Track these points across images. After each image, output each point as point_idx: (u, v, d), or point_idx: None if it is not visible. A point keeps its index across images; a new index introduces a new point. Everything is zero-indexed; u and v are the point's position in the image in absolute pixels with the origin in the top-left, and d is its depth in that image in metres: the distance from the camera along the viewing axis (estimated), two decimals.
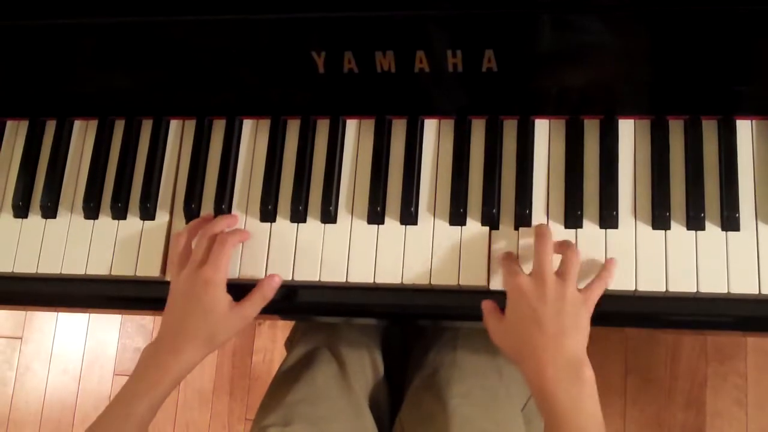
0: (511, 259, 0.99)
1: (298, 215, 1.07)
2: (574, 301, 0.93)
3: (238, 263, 1.06)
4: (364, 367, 1.23)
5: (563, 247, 0.97)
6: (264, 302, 1.03)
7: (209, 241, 1.03)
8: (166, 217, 1.11)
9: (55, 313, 2.35)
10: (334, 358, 1.21)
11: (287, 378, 1.20)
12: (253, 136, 1.12)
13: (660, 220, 1.00)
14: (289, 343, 1.33)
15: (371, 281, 1.03)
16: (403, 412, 1.19)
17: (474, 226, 1.03)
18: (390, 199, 1.06)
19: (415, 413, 1.16)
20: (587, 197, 1.02)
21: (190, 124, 1.14)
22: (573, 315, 0.92)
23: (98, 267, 1.10)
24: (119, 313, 2.13)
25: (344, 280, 1.04)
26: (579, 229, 1.01)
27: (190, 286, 1.01)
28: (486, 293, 1.00)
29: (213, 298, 1.00)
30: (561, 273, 0.95)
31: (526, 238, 1.02)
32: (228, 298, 1.01)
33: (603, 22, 0.95)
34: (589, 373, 0.91)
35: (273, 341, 2.20)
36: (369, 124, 1.10)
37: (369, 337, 1.27)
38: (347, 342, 1.24)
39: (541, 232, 0.98)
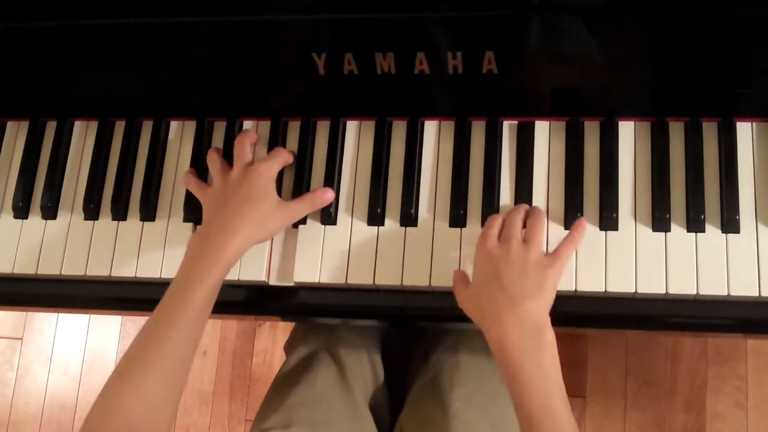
0: (492, 222, 0.99)
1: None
2: (538, 264, 0.94)
3: (238, 265, 1.06)
4: (364, 369, 1.23)
5: (531, 214, 0.99)
6: (311, 209, 1.06)
7: (249, 145, 1.07)
8: (166, 218, 1.11)
9: (56, 314, 2.35)
10: (333, 361, 1.21)
11: (287, 381, 1.20)
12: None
13: (660, 222, 1.00)
14: (289, 347, 1.33)
15: (371, 283, 1.03)
16: (403, 416, 1.19)
17: (474, 228, 1.03)
18: (390, 200, 1.06)
19: (416, 416, 1.16)
20: (587, 199, 1.02)
21: (191, 125, 1.14)
22: (536, 278, 0.93)
23: (98, 268, 1.10)
24: (119, 314, 2.12)
25: (344, 282, 1.04)
26: None
27: (240, 179, 1.03)
28: None
29: (266, 189, 1.03)
30: (526, 238, 0.96)
31: None
32: (276, 193, 1.04)
33: (603, 25, 0.95)
34: (550, 336, 0.91)
35: (273, 343, 2.20)
36: (369, 126, 1.10)
37: (368, 340, 1.27)
38: (347, 345, 1.24)
39: (516, 207, 1.00)
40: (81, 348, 2.32)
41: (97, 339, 2.32)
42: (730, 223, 0.98)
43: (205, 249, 0.98)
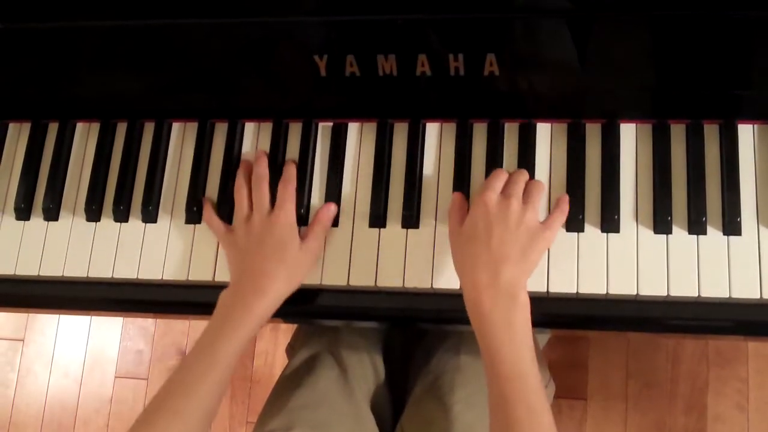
0: (498, 176, 1.00)
1: (299, 219, 1.07)
2: (530, 229, 0.95)
3: None
4: (366, 371, 1.23)
5: (532, 182, 1.00)
6: (324, 232, 1.05)
7: (266, 186, 1.06)
8: (168, 220, 1.11)
9: (57, 315, 2.35)
10: (335, 363, 1.21)
11: (289, 383, 1.20)
12: (255, 139, 1.12)
13: (662, 224, 1.00)
14: (291, 349, 1.33)
15: (373, 285, 1.03)
16: (404, 417, 1.19)
17: None
18: (392, 202, 1.06)
19: (417, 418, 1.16)
20: (588, 201, 1.02)
21: (192, 127, 1.14)
22: (525, 243, 0.94)
23: (100, 269, 1.10)
24: (121, 316, 2.12)
25: (346, 284, 1.04)
26: (580, 233, 1.01)
27: (263, 230, 1.03)
28: None
29: (287, 238, 1.02)
30: (525, 200, 0.97)
31: None
32: (298, 237, 1.03)
33: (605, 27, 0.95)
34: (523, 298, 0.92)
35: (274, 345, 2.21)
36: (371, 128, 1.10)
37: (370, 342, 1.27)
38: (348, 347, 1.24)
39: (520, 170, 1.01)
40: (82, 350, 2.33)
41: (98, 341, 2.32)
42: (731, 226, 0.98)
43: (237, 306, 0.99)
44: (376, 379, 1.24)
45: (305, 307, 1.07)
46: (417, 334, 1.33)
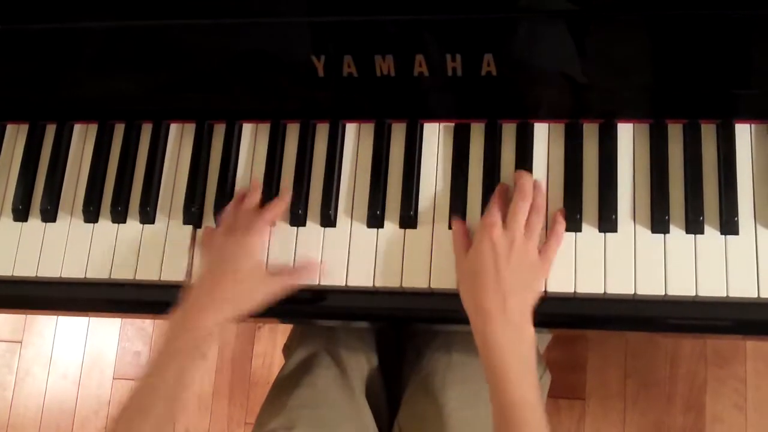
0: (497, 207, 1.00)
1: (298, 219, 1.07)
2: (533, 265, 0.98)
3: None
4: (363, 370, 1.23)
5: (533, 209, 1.00)
6: (298, 279, 1.04)
7: (244, 210, 1.06)
8: (166, 221, 1.11)
9: (55, 317, 2.35)
10: (333, 362, 1.22)
11: (287, 383, 1.20)
12: (253, 140, 1.12)
13: (659, 223, 1.00)
14: (287, 350, 1.33)
15: (371, 285, 1.03)
16: (400, 415, 1.19)
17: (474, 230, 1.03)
18: (389, 202, 1.06)
19: (412, 416, 1.17)
20: (586, 201, 1.02)
21: (190, 128, 1.14)
22: (529, 277, 0.98)
23: (98, 271, 1.10)
24: (119, 317, 2.12)
25: (344, 284, 1.04)
26: (578, 233, 1.01)
27: (225, 249, 1.03)
28: None
29: (244, 263, 1.02)
30: (527, 232, 0.99)
31: None
32: (261, 267, 1.04)
33: (602, 27, 0.95)
34: (530, 331, 0.96)
35: (273, 346, 2.20)
36: (368, 128, 1.10)
37: (365, 341, 1.27)
38: (345, 346, 1.24)
39: (523, 188, 1.00)
40: (80, 351, 2.32)
41: (97, 342, 2.32)
42: (728, 225, 0.98)
43: (185, 326, 0.99)
44: (372, 377, 1.24)
45: (302, 308, 1.08)
46: (408, 332, 1.33)
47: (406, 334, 1.34)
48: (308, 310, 1.09)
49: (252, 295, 1.02)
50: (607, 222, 1.00)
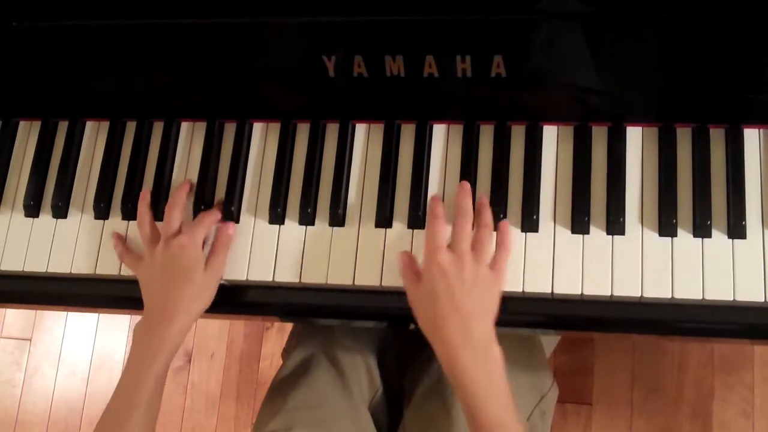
0: (439, 230, 0.99)
1: (307, 218, 1.07)
2: (487, 282, 0.97)
3: (246, 265, 1.07)
4: (360, 372, 1.23)
5: (478, 224, 1.00)
6: (226, 249, 1.06)
7: (178, 214, 1.07)
8: None
9: (65, 314, 2.36)
10: (331, 363, 1.22)
11: (286, 385, 1.21)
12: (263, 139, 1.13)
13: (667, 227, 1.00)
14: (286, 354, 1.33)
15: (378, 284, 1.04)
16: (407, 417, 1.19)
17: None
18: (398, 202, 1.07)
19: (420, 418, 1.17)
20: (594, 203, 1.02)
21: (201, 127, 1.15)
22: (485, 295, 0.96)
23: (108, 267, 1.11)
24: (128, 314, 2.13)
25: (351, 283, 1.04)
26: (586, 235, 1.01)
27: (167, 256, 1.04)
28: None
29: (191, 262, 1.03)
30: (475, 251, 0.97)
31: (532, 243, 1.02)
32: (203, 260, 1.04)
33: (613, 30, 0.96)
34: (496, 351, 0.95)
35: (280, 347, 2.19)
36: (378, 129, 1.10)
37: (363, 344, 1.27)
38: (343, 348, 1.24)
39: (462, 208, 1.00)
40: (89, 348, 2.33)
41: (106, 340, 2.33)
42: (736, 229, 0.99)
43: (148, 339, 1.02)
44: (370, 379, 1.25)
45: (309, 306, 1.08)
46: (414, 339, 1.33)
47: (411, 340, 1.34)
48: (315, 309, 1.09)
49: (204, 294, 1.05)
50: (615, 225, 1.00)
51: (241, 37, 1.03)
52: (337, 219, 1.07)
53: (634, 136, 1.05)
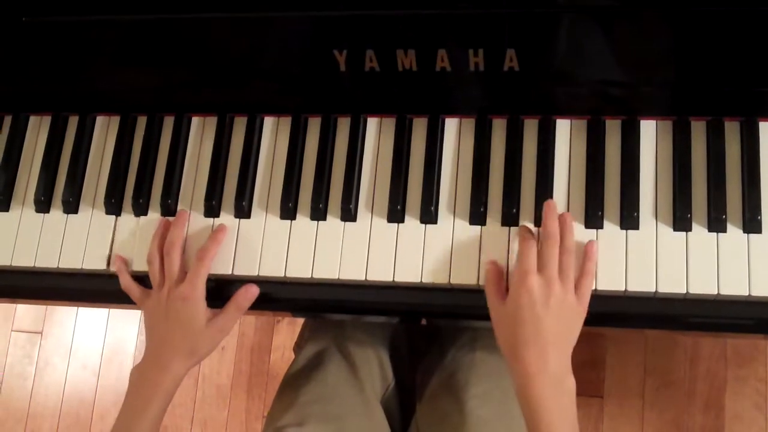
0: (529, 253, 0.98)
1: (318, 213, 1.07)
2: (572, 310, 0.96)
3: (257, 260, 1.06)
4: (372, 366, 1.23)
5: (563, 250, 0.98)
6: (239, 313, 1.06)
7: (177, 254, 1.06)
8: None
9: (75, 308, 2.36)
10: (343, 357, 1.22)
11: (298, 379, 1.21)
12: (274, 133, 1.13)
13: (681, 221, 0.99)
14: (297, 348, 1.33)
15: (390, 279, 1.03)
16: (419, 413, 1.19)
17: (494, 226, 1.03)
18: (410, 197, 1.06)
19: (432, 413, 1.17)
20: (608, 198, 1.02)
21: (212, 121, 1.14)
22: (569, 324, 0.96)
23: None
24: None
25: (363, 278, 1.04)
26: (600, 230, 1.01)
27: (169, 304, 1.04)
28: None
29: (191, 314, 1.03)
30: (562, 277, 0.96)
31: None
32: (206, 312, 1.05)
33: (626, 23, 0.95)
34: (571, 382, 0.95)
35: (292, 339, 2.20)
36: (390, 123, 1.10)
37: (375, 338, 1.27)
38: (355, 342, 1.24)
39: (548, 230, 0.98)
40: (100, 342, 2.34)
41: (116, 333, 2.34)
42: (751, 223, 0.98)
43: (143, 382, 1.04)
44: (382, 374, 1.24)
45: (321, 301, 1.08)
46: (429, 331, 1.33)
47: (423, 334, 1.34)
48: (326, 304, 1.09)
49: (200, 348, 1.05)
50: (629, 219, 1.00)
51: (253, 32, 1.03)
52: (349, 214, 1.06)
53: (648, 129, 1.04)
